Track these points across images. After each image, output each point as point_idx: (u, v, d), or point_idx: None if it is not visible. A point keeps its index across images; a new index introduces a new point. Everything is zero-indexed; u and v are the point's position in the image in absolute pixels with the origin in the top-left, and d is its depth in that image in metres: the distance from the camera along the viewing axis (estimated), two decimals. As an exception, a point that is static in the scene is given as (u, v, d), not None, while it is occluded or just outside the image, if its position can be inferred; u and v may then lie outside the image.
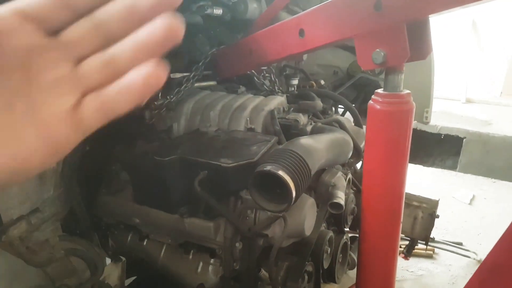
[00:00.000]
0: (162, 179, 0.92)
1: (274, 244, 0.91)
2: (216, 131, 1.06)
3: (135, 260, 1.13)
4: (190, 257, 1.03)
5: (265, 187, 0.80)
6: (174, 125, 1.10)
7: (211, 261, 1.00)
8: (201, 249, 1.02)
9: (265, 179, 0.78)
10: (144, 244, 1.08)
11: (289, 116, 1.13)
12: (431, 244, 2.17)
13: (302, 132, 1.07)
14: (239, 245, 0.94)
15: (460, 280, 2.10)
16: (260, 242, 0.95)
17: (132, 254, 1.11)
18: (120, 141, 1.01)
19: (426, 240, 1.55)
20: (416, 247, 1.65)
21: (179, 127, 1.10)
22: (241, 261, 0.96)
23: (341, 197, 1.04)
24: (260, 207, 0.82)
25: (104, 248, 1.15)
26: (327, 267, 1.11)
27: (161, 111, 1.07)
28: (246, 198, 0.92)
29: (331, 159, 0.99)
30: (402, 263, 2.14)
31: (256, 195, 0.80)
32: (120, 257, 1.13)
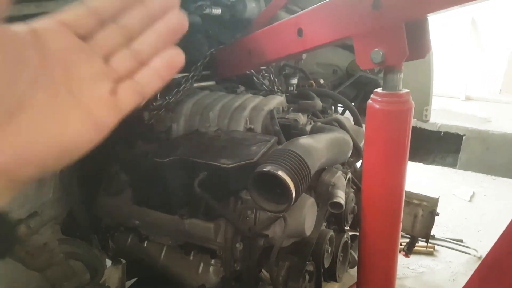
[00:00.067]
0: (162, 180, 0.91)
1: (274, 244, 0.91)
2: (215, 131, 1.06)
3: (135, 262, 1.12)
4: (191, 258, 1.03)
5: (265, 188, 0.80)
6: (173, 125, 1.09)
7: (212, 262, 1.00)
8: (202, 250, 1.02)
9: (265, 179, 0.78)
10: (145, 245, 1.08)
11: (288, 116, 1.12)
12: (431, 241, 2.17)
13: (302, 132, 1.07)
14: (239, 246, 0.94)
15: (461, 276, 2.10)
16: (260, 242, 0.94)
17: (132, 255, 1.11)
18: (119, 142, 1.01)
19: (426, 238, 1.55)
20: (416, 244, 1.65)
21: (179, 127, 1.10)
22: (242, 261, 0.96)
23: (341, 196, 1.04)
24: (260, 207, 0.82)
25: (104, 250, 1.14)
26: (328, 266, 1.11)
27: (160, 112, 1.07)
28: (246, 198, 0.92)
29: (331, 159, 0.99)
30: (403, 261, 2.13)
31: (256, 195, 0.80)
32: (120, 259, 1.13)
